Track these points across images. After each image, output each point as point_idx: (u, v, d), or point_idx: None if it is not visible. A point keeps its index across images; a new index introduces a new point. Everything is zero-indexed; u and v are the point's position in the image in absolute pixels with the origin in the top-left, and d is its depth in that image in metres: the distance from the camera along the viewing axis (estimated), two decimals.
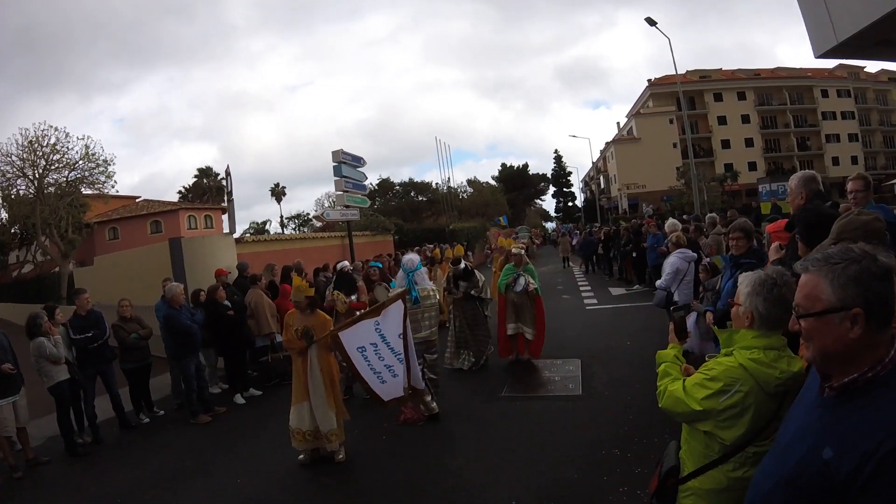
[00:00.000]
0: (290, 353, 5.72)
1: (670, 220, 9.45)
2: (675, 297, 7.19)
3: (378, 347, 5.21)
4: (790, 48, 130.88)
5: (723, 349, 2.21)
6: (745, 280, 2.18)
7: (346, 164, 16.36)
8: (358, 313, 6.15)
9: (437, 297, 6.96)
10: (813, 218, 3.29)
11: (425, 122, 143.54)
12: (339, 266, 7.94)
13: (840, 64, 48.66)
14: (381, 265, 8.50)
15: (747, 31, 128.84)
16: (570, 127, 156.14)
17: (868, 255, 1.41)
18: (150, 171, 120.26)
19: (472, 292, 8.31)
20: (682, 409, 2.12)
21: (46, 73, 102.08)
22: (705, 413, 2.04)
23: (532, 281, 8.09)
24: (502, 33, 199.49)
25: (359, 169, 17.52)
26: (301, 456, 5.47)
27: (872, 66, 58.79)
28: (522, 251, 8.56)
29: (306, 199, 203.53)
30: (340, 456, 5.43)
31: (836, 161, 58.92)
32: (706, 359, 2.40)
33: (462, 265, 8.56)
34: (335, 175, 16.08)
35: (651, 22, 23.81)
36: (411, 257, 6.90)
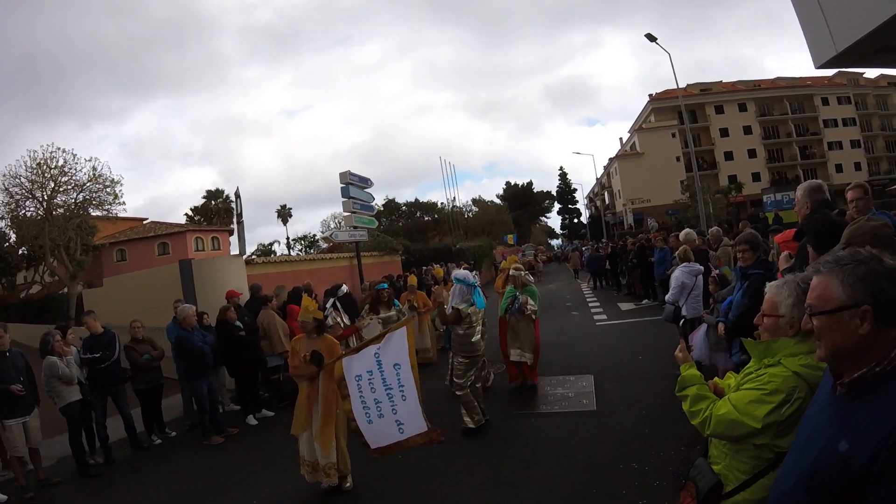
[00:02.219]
0: (297, 381, 5.48)
1: (686, 230, 9.40)
2: (683, 311, 7.22)
3: (372, 376, 4.81)
4: (778, 60, 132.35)
5: (763, 360, 2.19)
6: (783, 291, 2.18)
7: (353, 185, 16.47)
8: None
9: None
10: (821, 227, 3.33)
11: (420, 144, 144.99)
12: (340, 290, 7.88)
13: (839, 71, 48.81)
14: (386, 286, 8.40)
15: (732, 45, 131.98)
16: (567, 144, 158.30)
17: (875, 256, 1.50)
18: (151, 194, 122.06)
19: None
20: (741, 431, 2.07)
21: (47, 101, 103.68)
22: (767, 427, 2.01)
23: (531, 302, 7.77)
24: (488, 58, 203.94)
25: (366, 190, 17.62)
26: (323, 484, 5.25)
27: (871, 72, 58.96)
28: (521, 272, 8.11)
29: (307, 220, 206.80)
30: (347, 484, 5.23)
31: (839, 168, 58.75)
32: (720, 372, 2.41)
33: None
34: (343, 196, 16.17)
35: (651, 38, 23.94)
36: (466, 272, 6.84)
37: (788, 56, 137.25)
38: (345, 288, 7.95)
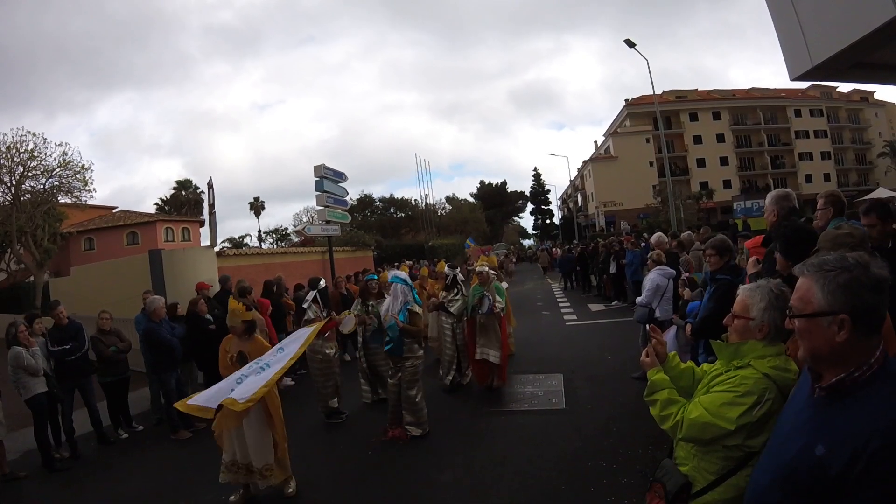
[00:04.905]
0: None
1: (657, 234, 9.53)
2: (657, 314, 7.32)
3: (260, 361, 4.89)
4: (743, 71, 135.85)
5: (732, 361, 2.22)
6: (756, 294, 2.21)
7: (327, 178, 16.32)
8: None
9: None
10: (791, 233, 3.39)
11: (387, 142, 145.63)
12: (320, 284, 7.84)
13: (813, 84, 49.89)
14: (376, 276, 8.36)
15: (694, 55, 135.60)
16: (535, 147, 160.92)
17: (860, 265, 1.49)
18: (118, 184, 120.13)
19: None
20: (714, 433, 2.08)
21: (11, 92, 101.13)
22: (739, 429, 2.03)
23: (499, 299, 7.73)
24: (452, 62, 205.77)
25: (340, 184, 17.51)
26: (232, 497, 5.01)
27: (845, 86, 60.43)
28: (486, 269, 8.03)
29: (276, 214, 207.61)
30: (290, 490, 5.02)
31: (808, 178, 60.12)
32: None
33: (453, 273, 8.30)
34: (317, 190, 16.01)
35: (630, 44, 24.10)
36: (400, 272, 6.76)
37: (754, 68, 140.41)
38: (323, 282, 7.89)
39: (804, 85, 51.23)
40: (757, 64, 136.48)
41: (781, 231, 3.60)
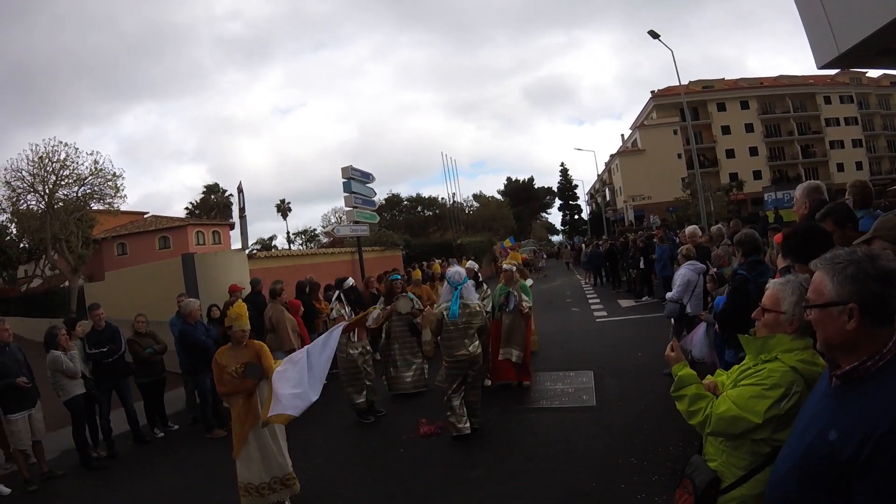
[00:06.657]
0: (228, 400, 4.94)
1: (692, 227, 9.42)
2: (688, 309, 7.26)
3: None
4: (761, 60, 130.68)
5: (759, 356, 2.21)
6: (787, 288, 2.21)
7: (355, 180, 16.41)
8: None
9: (484, 312, 6.48)
10: (803, 234, 3.32)
11: (406, 141, 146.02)
12: (346, 283, 7.91)
13: (842, 70, 48.86)
14: (399, 276, 8.47)
15: (707, 46, 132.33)
16: (556, 142, 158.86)
17: (868, 257, 1.57)
18: (144, 191, 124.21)
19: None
20: (743, 427, 2.08)
21: (35, 106, 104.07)
22: (767, 422, 2.03)
23: (526, 298, 7.64)
24: (465, 61, 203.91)
25: (368, 185, 17.60)
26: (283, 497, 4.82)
27: (874, 71, 58.85)
28: (513, 268, 7.86)
29: (301, 216, 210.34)
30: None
31: (840, 167, 58.66)
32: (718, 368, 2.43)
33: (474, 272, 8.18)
34: (345, 191, 16.11)
35: (654, 35, 23.89)
36: (458, 269, 6.53)
37: (772, 56, 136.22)
38: (350, 281, 7.96)
39: (833, 71, 50.16)
40: (775, 52, 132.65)
41: (793, 233, 3.56)
